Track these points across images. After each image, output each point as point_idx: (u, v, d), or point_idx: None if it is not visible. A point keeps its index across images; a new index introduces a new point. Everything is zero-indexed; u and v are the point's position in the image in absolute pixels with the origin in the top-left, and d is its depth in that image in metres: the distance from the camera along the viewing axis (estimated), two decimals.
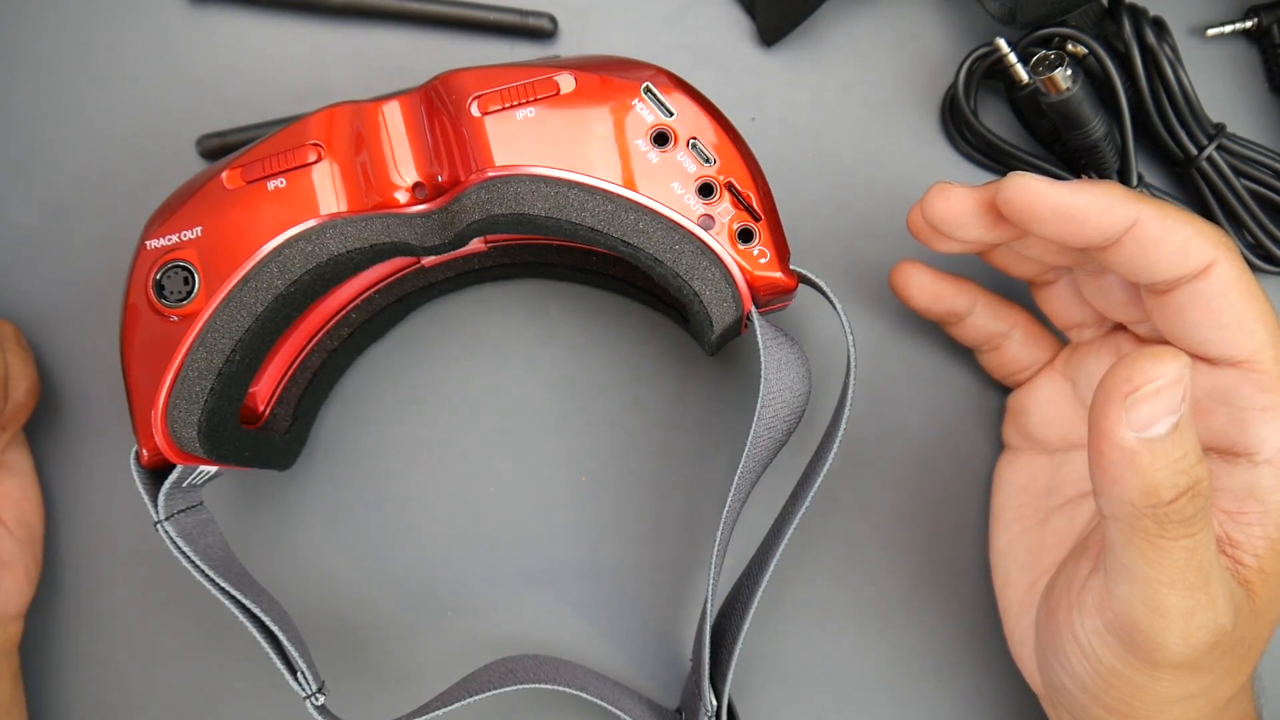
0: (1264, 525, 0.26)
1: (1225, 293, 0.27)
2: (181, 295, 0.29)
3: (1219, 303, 0.27)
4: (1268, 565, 0.26)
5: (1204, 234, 0.27)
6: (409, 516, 0.36)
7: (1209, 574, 0.25)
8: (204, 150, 0.37)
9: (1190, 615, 0.25)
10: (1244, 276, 0.27)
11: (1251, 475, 0.26)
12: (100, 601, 0.36)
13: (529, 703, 0.36)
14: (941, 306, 0.33)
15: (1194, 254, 0.27)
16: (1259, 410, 0.26)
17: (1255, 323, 0.27)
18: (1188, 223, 0.27)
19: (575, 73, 0.29)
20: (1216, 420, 0.27)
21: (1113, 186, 0.27)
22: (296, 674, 0.30)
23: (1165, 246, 0.27)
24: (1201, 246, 0.27)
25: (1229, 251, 0.27)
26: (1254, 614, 0.26)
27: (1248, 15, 0.36)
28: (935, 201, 0.29)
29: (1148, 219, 0.27)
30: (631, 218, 0.29)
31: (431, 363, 0.37)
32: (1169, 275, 0.27)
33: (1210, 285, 0.27)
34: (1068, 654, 0.28)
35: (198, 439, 0.29)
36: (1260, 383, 0.27)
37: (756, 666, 0.36)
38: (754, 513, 0.35)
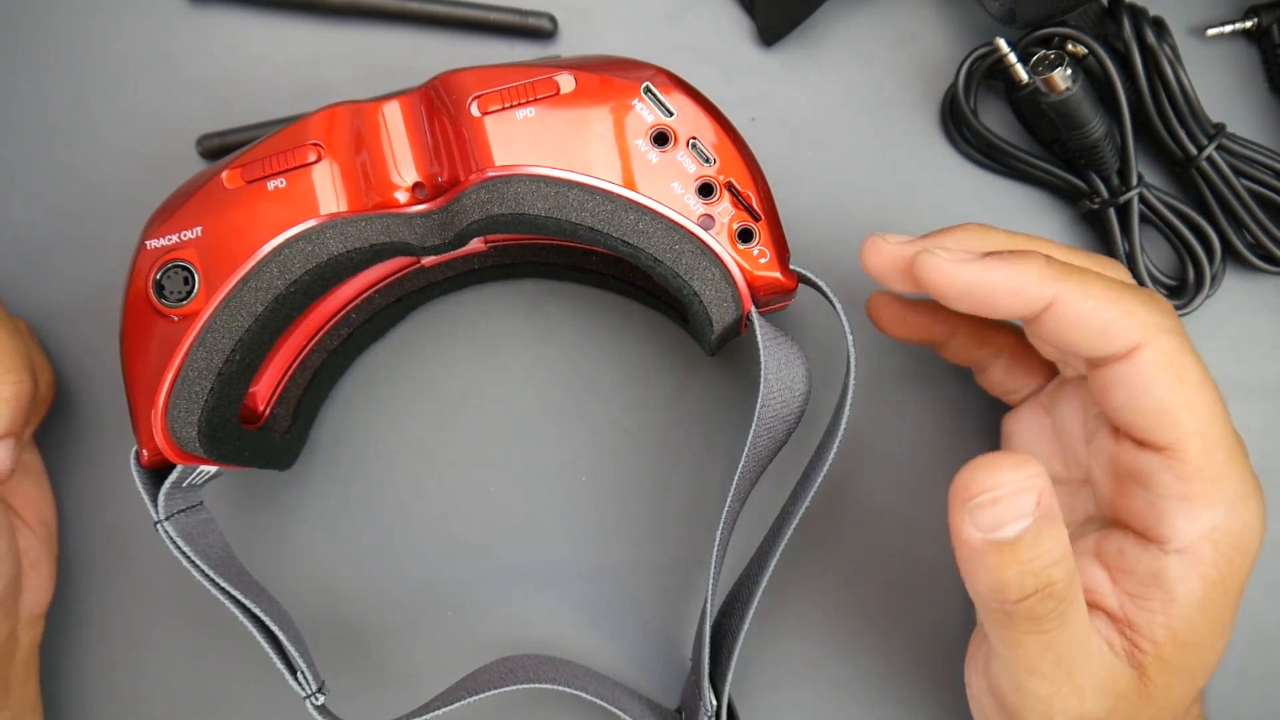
0: (1167, 614, 0.26)
1: (1150, 379, 0.26)
2: (182, 295, 0.29)
3: (1141, 389, 0.26)
4: (1167, 654, 0.26)
5: (1132, 315, 0.26)
6: (409, 516, 0.36)
7: (1073, 666, 0.25)
8: (204, 150, 0.37)
9: (1050, 701, 0.26)
10: (1175, 361, 0.26)
11: (1161, 563, 0.26)
12: (100, 601, 0.36)
13: (529, 703, 0.36)
14: (918, 335, 0.33)
15: (1117, 337, 0.26)
16: (1176, 499, 0.26)
17: (1182, 411, 0.26)
18: (1113, 302, 0.26)
19: (575, 73, 0.29)
20: (1135, 502, 0.27)
21: (1031, 261, 0.26)
22: (296, 674, 0.30)
23: (1084, 329, 0.26)
24: (1127, 329, 0.26)
25: (1161, 333, 0.26)
26: (1146, 698, 0.26)
27: (1248, 15, 0.36)
28: (865, 254, 0.29)
29: (1067, 299, 0.26)
30: (631, 218, 0.29)
31: (431, 363, 0.37)
32: (1090, 354, 0.27)
33: (1134, 370, 0.26)
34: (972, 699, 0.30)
35: (198, 439, 0.29)
36: (1180, 471, 0.26)
37: (756, 666, 0.36)
38: (754, 512, 0.35)
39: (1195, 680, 0.27)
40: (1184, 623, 0.26)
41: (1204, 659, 0.27)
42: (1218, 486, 0.26)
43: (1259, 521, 0.26)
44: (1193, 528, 0.26)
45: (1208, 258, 0.35)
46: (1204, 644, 0.26)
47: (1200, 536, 0.26)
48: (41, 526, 0.35)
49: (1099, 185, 0.35)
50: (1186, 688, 0.27)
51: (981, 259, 0.27)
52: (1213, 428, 0.26)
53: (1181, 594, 0.26)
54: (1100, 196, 0.35)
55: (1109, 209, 0.35)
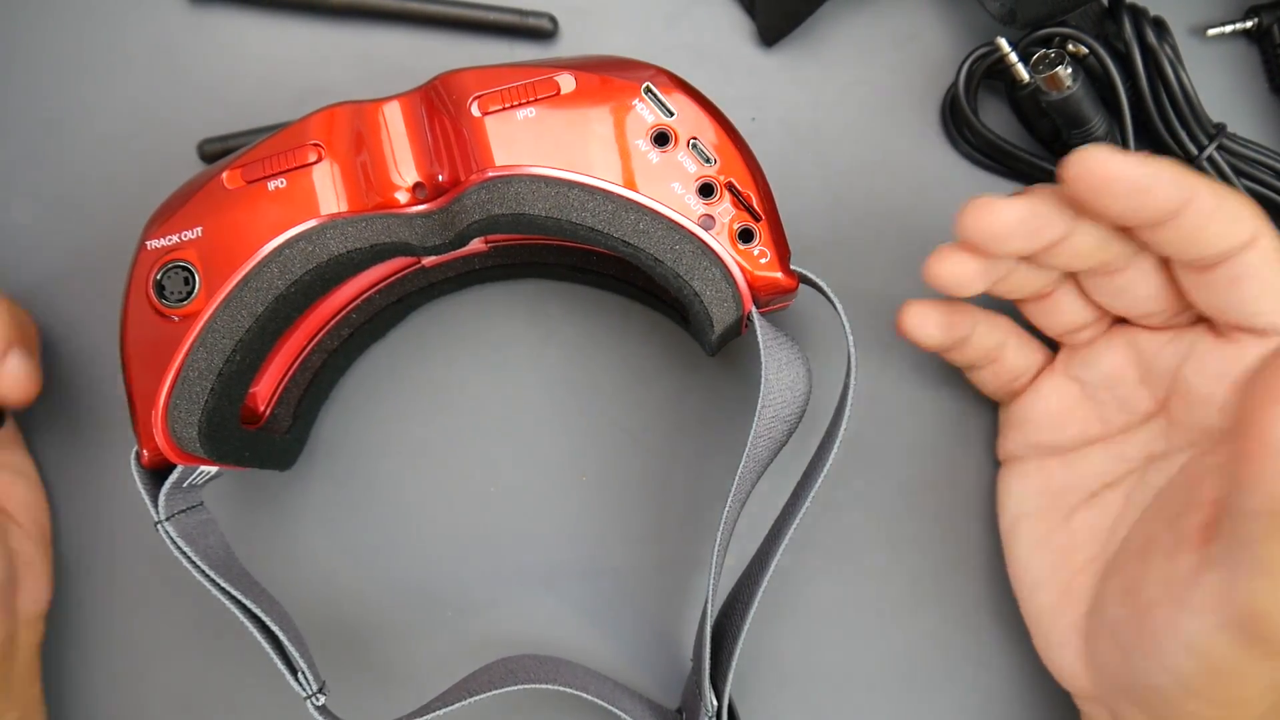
0: None
1: (1275, 261, 0.27)
2: (182, 295, 0.29)
3: (1270, 272, 0.27)
4: None
5: (1249, 205, 0.28)
6: (409, 516, 0.36)
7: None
8: (205, 155, 0.37)
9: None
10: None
11: None
12: (101, 602, 0.36)
13: (529, 703, 0.36)
14: (955, 335, 0.32)
15: (1243, 225, 0.27)
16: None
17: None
18: (1234, 193, 0.28)
19: (575, 73, 0.29)
20: None
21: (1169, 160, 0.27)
22: (297, 674, 0.30)
23: (1219, 218, 0.27)
24: (1249, 218, 0.27)
25: (1268, 224, 0.28)
26: None
27: (1248, 15, 0.36)
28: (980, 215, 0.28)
29: (1204, 192, 0.27)
30: (632, 218, 0.29)
31: (432, 363, 0.37)
32: (1221, 247, 0.28)
33: (1260, 255, 0.27)
34: (1170, 653, 0.28)
35: (198, 439, 0.29)
36: None
37: (757, 667, 0.36)
38: (754, 513, 0.35)
39: None
40: None
41: None
42: None
43: None
44: None
45: None
46: None
47: None
48: (35, 527, 0.35)
49: None
50: None
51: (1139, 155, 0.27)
52: None
53: None
54: None
55: None
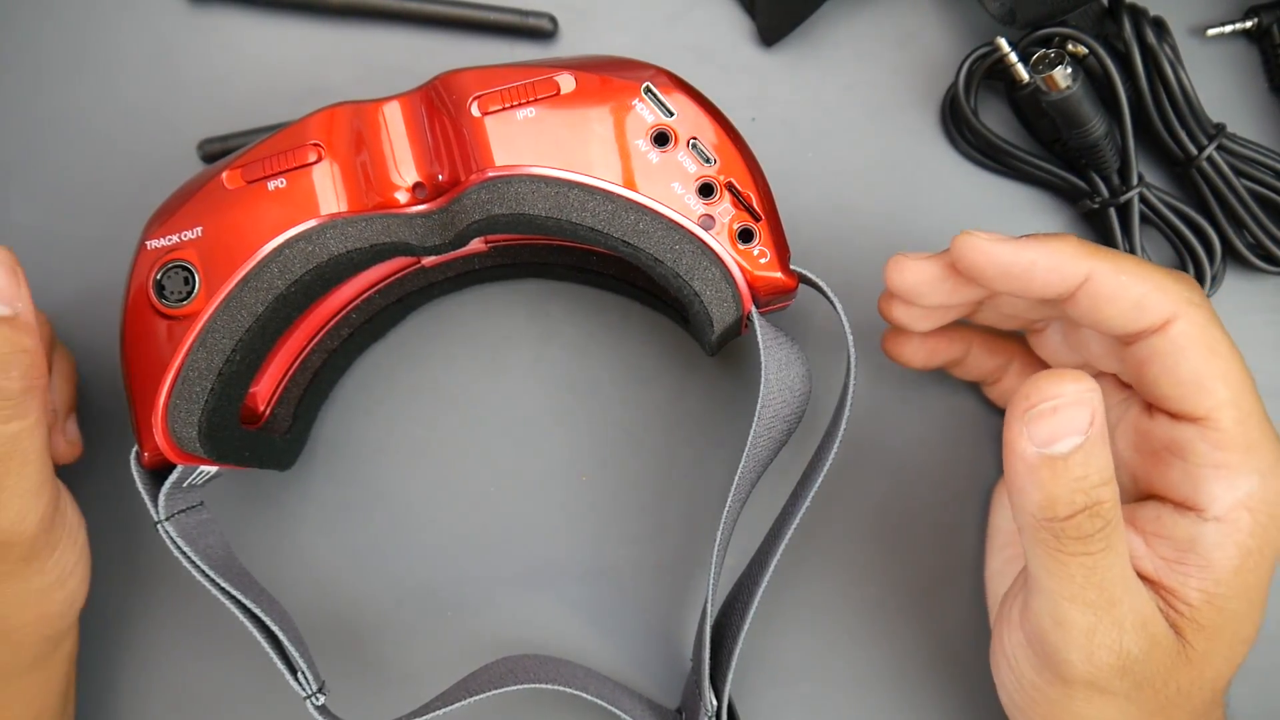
0: (1202, 579, 0.26)
1: (1182, 349, 0.27)
2: (182, 295, 0.29)
3: (1175, 360, 0.27)
4: (1204, 618, 0.26)
5: (1164, 289, 0.27)
6: (409, 516, 0.36)
7: (1114, 596, 0.26)
8: (205, 155, 0.37)
9: (1091, 633, 0.26)
10: (1206, 333, 0.27)
11: (1197, 530, 0.27)
12: (101, 602, 0.36)
13: (529, 703, 0.36)
14: (939, 360, 0.34)
15: (1150, 310, 0.27)
16: (1212, 468, 0.27)
17: (1215, 380, 0.26)
18: (1145, 278, 0.27)
19: (575, 73, 0.29)
20: (1172, 472, 0.28)
21: (1065, 241, 0.27)
22: (297, 674, 0.30)
23: (1119, 302, 0.27)
24: (1160, 302, 0.27)
25: (1192, 307, 0.27)
26: (1186, 661, 0.27)
27: (1248, 15, 0.36)
28: (891, 272, 0.30)
29: (1101, 274, 0.27)
30: (632, 218, 0.29)
31: (432, 363, 0.37)
32: (1125, 330, 0.27)
33: (1167, 342, 0.27)
34: (1000, 669, 0.30)
35: (198, 439, 0.29)
36: (1216, 440, 0.27)
37: (757, 666, 0.36)
38: (754, 513, 0.35)
39: (1234, 651, 0.27)
40: (1219, 587, 0.26)
41: (1241, 629, 0.27)
42: (1253, 455, 0.26)
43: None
44: (1229, 495, 0.26)
45: (1208, 258, 0.35)
46: (1240, 612, 0.27)
47: (1237, 504, 0.26)
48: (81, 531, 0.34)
49: (1099, 185, 0.35)
50: (1226, 658, 0.27)
51: (1019, 239, 0.28)
52: (1245, 397, 0.27)
53: (1218, 560, 0.26)
54: (1101, 196, 0.35)
55: (1109, 209, 0.35)
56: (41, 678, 0.32)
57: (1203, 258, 0.35)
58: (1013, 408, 0.25)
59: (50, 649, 0.32)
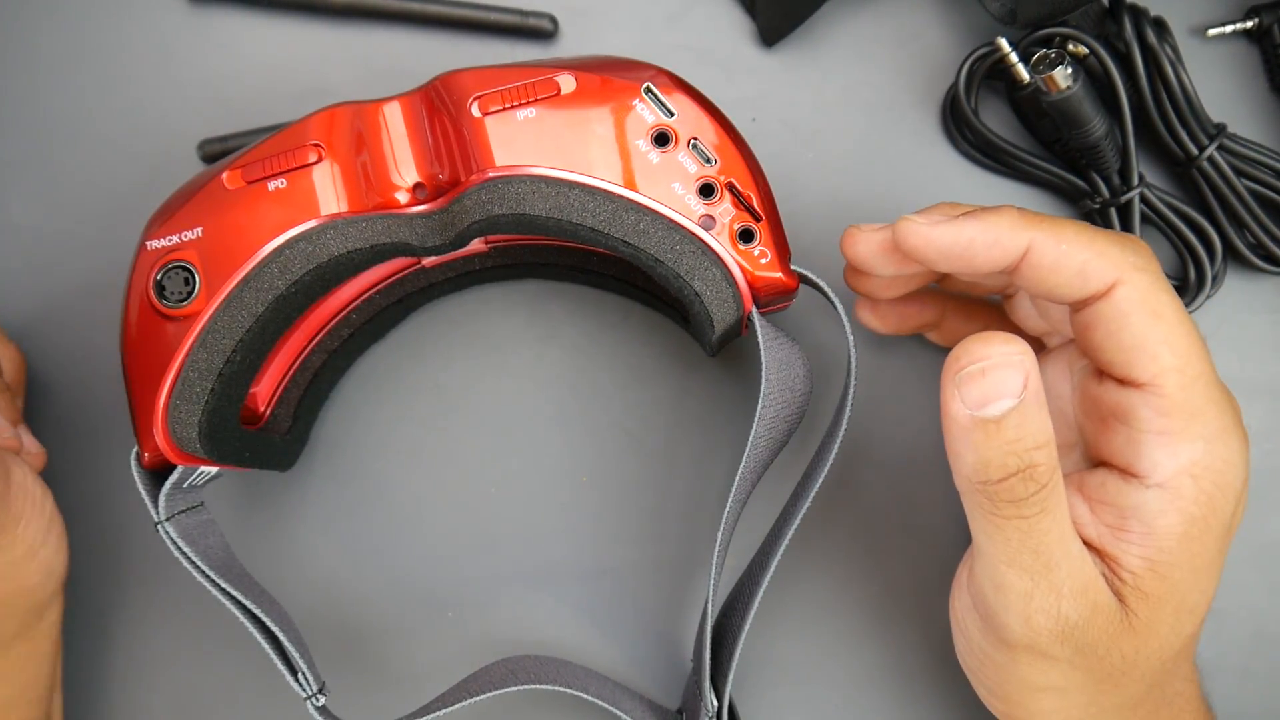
0: (1144, 546, 0.26)
1: (1126, 315, 0.26)
2: (182, 295, 0.29)
3: (1118, 324, 0.26)
4: (1147, 586, 0.26)
5: (1106, 255, 0.26)
6: (410, 517, 0.36)
7: (1052, 560, 0.26)
8: (205, 155, 0.37)
9: (1028, 597, 0.26)
10: (1150, 297, 0.26)
11: (1140, 496, 0.26)
12: (101, 602, 0.36)
13: (530, 703, 0.36)
14: (910, 325, 0.34)
15: (1094, 276, 0.26)
16: (1155, 434, 0.26)
17: (1160, 345, 0.26)
18: (1088, 244, 0.27)
19: (576, 73, 0.29)
20: (1116, 438, 0.27)
21: (1004, 213, 0.27)
22: (297, 674, 0.30)
23: (1061, 271, 0.27)
24: (1102, 268, 0.26)
25: (1138, 272, 0.26)
26: (1130, 629, 0.26)
27: (1248, 15, 0.36)
28: (845, 245, 0.30)
29: (1041, 244, 0.27)
30: (632, 218, 0.29)
31: (432, 363, 0.37)
32: (1070, 297, 0.27)
33: (1111, 307, 0.26)
34: (955, 632, 0.30)
35: (198, 439, 0.29)
36: (1159, 406, 0.26)
37: (757, 667, 0.36)
38: (755, 513, 0.35)
39: (1181, 621, 0.27)
40: (1163, 555, 0.26)
41: (1188, 597, 0.27)
42: (1197, 421, 0.26)
43: (1241, 458, 0.27)
44: (1171, 462, 0.26)
45: (1209, 257, 0.35)
46: (1186, 581, 0.26)
47: (1179, 471, 0.26)
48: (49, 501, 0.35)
49: (1100, 185, 0.35)
50: (1171, 627, 0.27)
51: (957, 218, 0.28)
52: (1191, 363, 0.26)
53: (1160, 527, 0.26)
54: (1101, 196, 0.35)
55: (1110, 209, 0.35)
56: (27, 649, 0.32)
57: (1203, 258, 0.35)
58: (946, 369, 0.25)
59: (33, 619, 0.32)
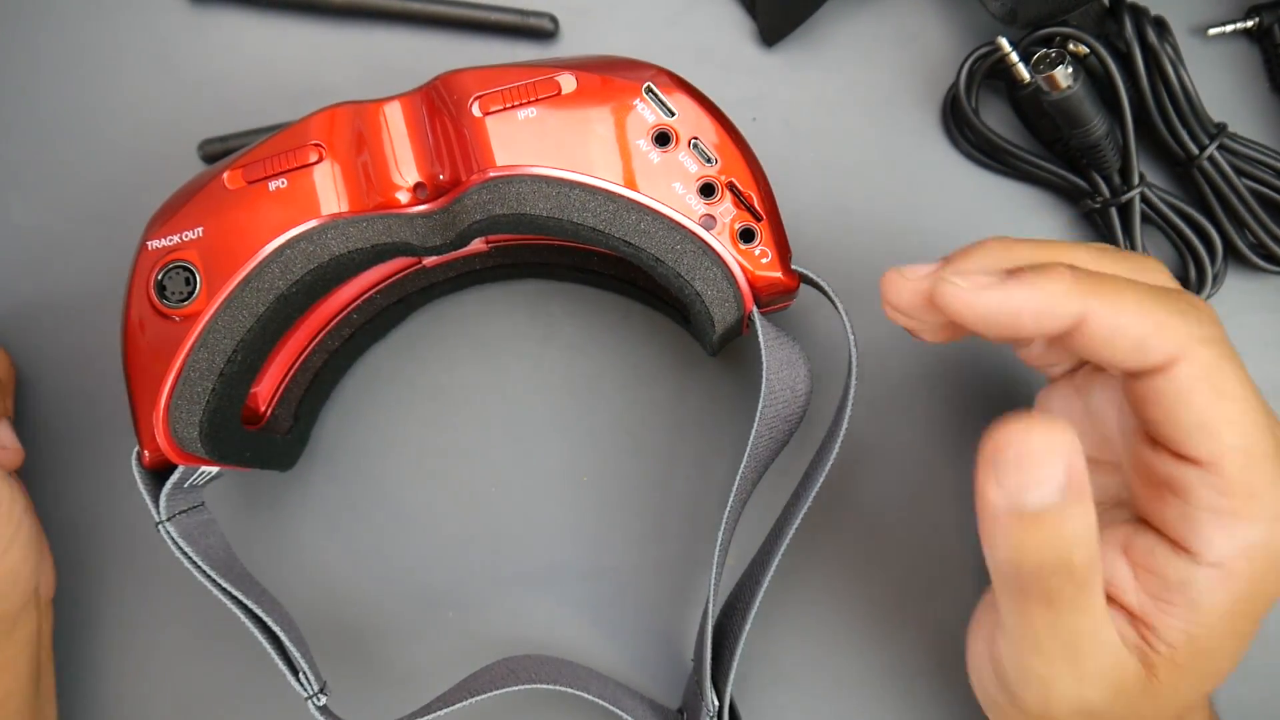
0: (1188, 622, 0.25)
1: (1188, 393, 0.25)
2: (183, 295, 0.29)
3: (1178, 403, 0.25)
4: (1180, 658, 0.25)
5: (1166, 327, 0.25)
6: (410, 516, 0.36)
7: (1080, 653, 0.25)
8: (206, 155, 0.37)
9: (1049, 683, 0.25)
10: (1214, 374, 0.25)
11: (1191, 573, 0.25)
12: (101, 602, 0.36)
13: (530, 703, 0.36)
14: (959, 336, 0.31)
15: (1153, 351, 0.25)
16: (1213, 513, 0.25)
17: (1221, 425, 0.25)
18: (1148, 314, 0.25)
19: (576, 73, 0.29)
20: (1170, 511, 0.26)
21: (1056, 277, 0.25)
22: (298, 674, 0.30)
23: (1117, 345, 0.25)
24: (1162, 342, 0.25)
25: (1200, 345, 0.25)
26: (1150, 694, 0.26)
27: (1249, 15, 0.36)
28: (885, 291, 0.28)
29: (1097, 315, 0.25)
30: (633, 218, 0.29)
31: (433, 363, 0.37)
32: (1124, 368, 0.26)
33: (1170, 385, 0.25)
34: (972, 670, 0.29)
35: (199, 439, 0.29)
36: (1219, 486, 0.25)
37: (758, 666, 0.36)
38: (755, 513, 0.35)
39: (1205, 685, 0.26)
40: (1204, 630, 0.25)
41: (1218, 666, 0.26)
42: (1258, 503, 0.25)
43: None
44: (1229, 543, 0.25)
45: (1209, 257, 0.35)
46: (1221, 652, 0.26)
47: (1237, 553, 0.25)
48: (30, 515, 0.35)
49: (1100, 184, 0.35)
50: (1194, 691, 0.26)
51: (1004, 281, 0.25)
52: (1256, 442, 0.25)
53: (1207, 605, 0.25)
54: (1102, 196, 0.35)
55: (1110, 208, 0.35)
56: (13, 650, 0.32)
57: (1204, 257, 0.35)
58: (982, 451, 0.23)
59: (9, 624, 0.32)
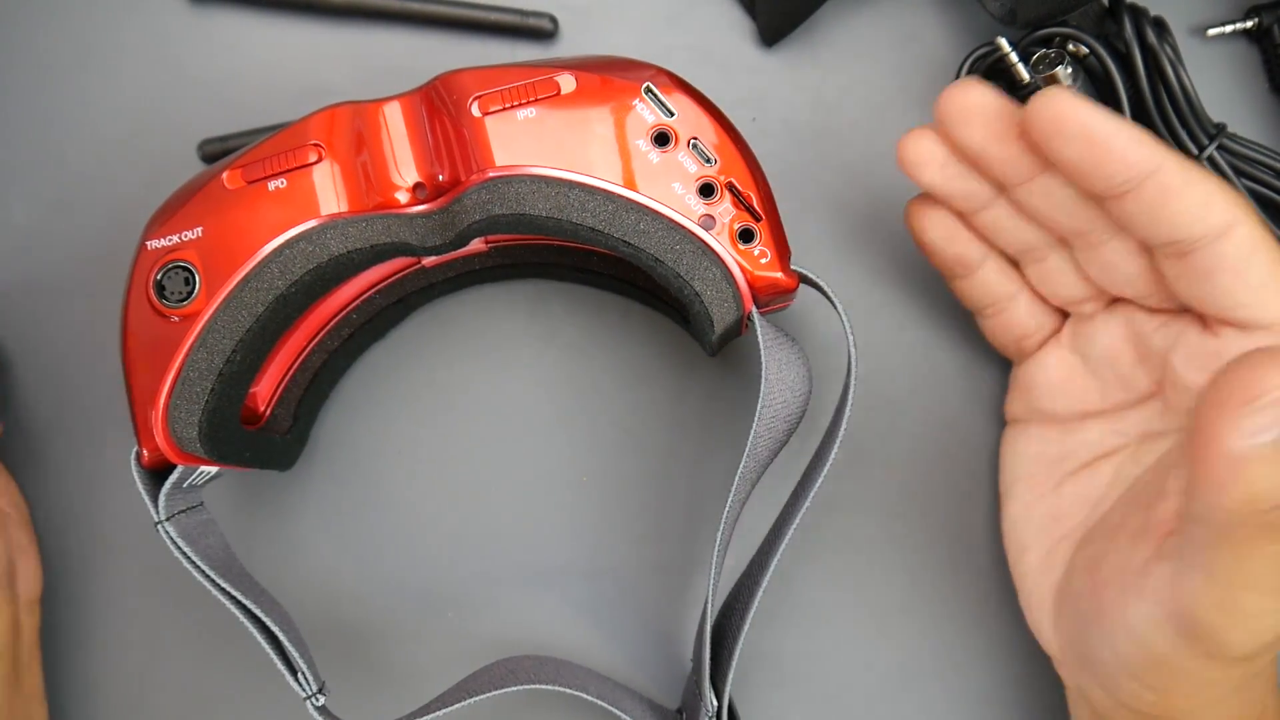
0: None
1: (1253, 253, 0.26)
2: (182, 295, 0.29)
3: (1246, 264, 0.26)
4: None
5: (1225, 192, 0.26)
6: (410, 516, 0.36)
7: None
8: (205, 155, 0.37)
9: (1261, 616, 0.25)
10: (1268, 238, 0.26)
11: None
12: (100, 602, 0.36)
13: (529, 703, 0.36)
14: (954, 250, 0.32)
15: (1216, 210, 0.26)
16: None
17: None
18: (1209, 177, 0.26)
19: (576, 73, 0.29)
20: None
21: (1142, 130, 0.26)
22: (297, 674, 0.30)
23: (1187, 198, 0.26)
24: (1224, 204, 0.26)
25: (1249, 214, 0.26)
26: None
27: (1248, 15, 0.36)
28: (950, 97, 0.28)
29: (1171, 166, 0.26)
30: (632, 218, 0.29)
31: (432, 363, 0.37)
32: (1188, 232, 0.27)
33: (1235, 246, 0.26)
34: (1114, 633, 0.28)
35: (198, 439, 0.29)
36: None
37: (757, 667, 0.36)
38: (755, 513, 0.35)
39: None
40: None
41: None
42: None
43: None
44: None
45: None
46: None
47: None
48: (19, 512, 0.35)
49: None
50: None
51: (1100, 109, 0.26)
52: None
53: None
54: None
55: None
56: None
57: None
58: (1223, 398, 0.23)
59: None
